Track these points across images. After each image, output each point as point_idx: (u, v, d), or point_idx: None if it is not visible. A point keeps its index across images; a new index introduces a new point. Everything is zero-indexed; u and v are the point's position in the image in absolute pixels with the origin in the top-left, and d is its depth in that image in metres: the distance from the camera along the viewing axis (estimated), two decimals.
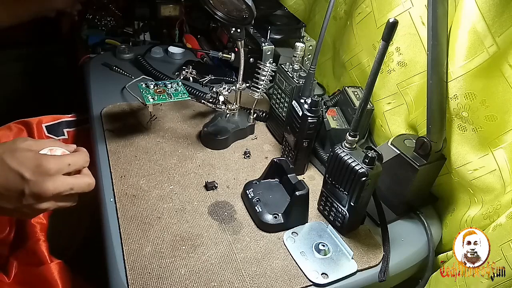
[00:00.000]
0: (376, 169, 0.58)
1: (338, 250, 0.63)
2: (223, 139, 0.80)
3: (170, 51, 1.08)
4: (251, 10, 0.66)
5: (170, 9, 1.11)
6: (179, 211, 0.66)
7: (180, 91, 0.78)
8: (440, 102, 0.61)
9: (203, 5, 0.71)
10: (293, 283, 0.58)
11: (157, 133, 0.82)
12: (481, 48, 0.58)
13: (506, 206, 0.58)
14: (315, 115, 0.69)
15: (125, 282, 0.55)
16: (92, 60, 1.03)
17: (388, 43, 0.50)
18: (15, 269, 0.70)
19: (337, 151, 0.61)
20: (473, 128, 0.62)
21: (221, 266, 0.59)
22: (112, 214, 0.64)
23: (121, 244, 0.59)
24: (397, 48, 0.73)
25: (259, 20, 0.77)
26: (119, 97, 0.89)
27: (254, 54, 0.92)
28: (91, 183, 0.54)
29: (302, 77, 0.76)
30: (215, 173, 0.75)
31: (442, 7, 0.57)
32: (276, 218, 0.65)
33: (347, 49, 0.87)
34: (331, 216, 0.67)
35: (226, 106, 0.82)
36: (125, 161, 0.74)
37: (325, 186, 0.67)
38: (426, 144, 0.63)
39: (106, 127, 0.80)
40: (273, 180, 0.72)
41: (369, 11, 0.79)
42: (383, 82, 0.77)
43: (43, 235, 0.74)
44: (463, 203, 0.69)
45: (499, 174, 0.61)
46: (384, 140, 0.77)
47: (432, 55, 0.59)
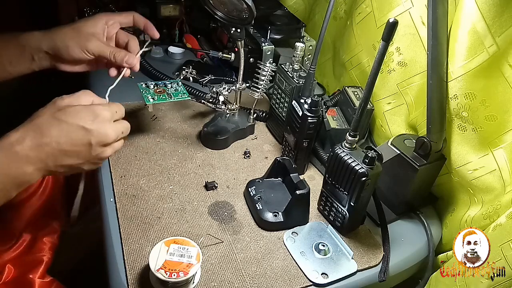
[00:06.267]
0: (376, 169, 0.58)
1: (338, 250, 0.63)
2: (223, 139, 0.80)
3: (170, 51, 1.08)
4: (251, 10, 0.66)
5: (170, 9, 1.11)
6: (179, 211, 0.66)
7: (180, 91, 0.78)
8: (440, 102, 0.61)
9: (203, 5, 0.70)
10: (293, 283, 0.58)
11: (157, 133, 0.82)
12: (481, 48, 0.58)
13: (506, 206, 0.58)
14: (315, 115, 0.69)
15: (125, 282, 0.55)
16: None
17: (388, 43, 0.50)
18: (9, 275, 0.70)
19: (337, 151, 0.61)
20: (473, 128, 0.62)
21: (221, 266, 0.59)
22: (112, 214, 0.64)
23: (121, 244, 0.59)
24: (397, 48, 0.73)
25: (259, 20, 0.77)
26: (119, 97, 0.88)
27: (254, 54, 0.92)
28: (129, 126, 0.59)
29: (302, 77, 0.76)
30: (215, 173, 0.75)
31: (442, 7, 0.57)
32: (276, 217, 0.65)
33: (347, 49, 0.87)
34: (331, 216, 0.67)
35: (226, 106, 0.82)
36: (125, 161, 0.74)
37: (325, 186, 0.67)
38: (426, 144, 0.63)
39: None
40: (276, 179, 0.72)
41: (369, 11, 0.79)
42: (383, 82, 0.77)
43: (49, 253, 0.74)
44: (463, 203, 0.69)
45: (499, 174, 0.61)
46: (384, 140, 0.77)
47: (432, 55, 0.59)
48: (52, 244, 0.76)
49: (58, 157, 0.52)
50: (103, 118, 0.54)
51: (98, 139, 0.53)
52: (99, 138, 0.53)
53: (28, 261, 0.72)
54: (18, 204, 0.74)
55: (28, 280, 0.69)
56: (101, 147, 0.54)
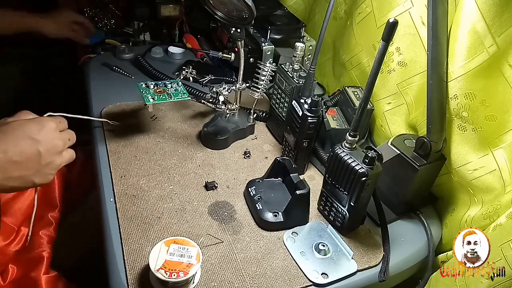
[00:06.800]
0: (376, 169, 0.58)
1: (338, 250, 0.63)
2: (223, 139, 0.80)
3: (170, 51, 1.08)
4: (251, 10, 0.66)
5: (170, 9, 1.11)
6: (179, 211, 0.66)
7: (180, 91, 0.78)
8: (440, 102, 0.61)
9: (203, 5, 0.71)
10: (293, 283, 0.58)
11: (157, 133, 0.82)
12: (481, 48, 0.58)
13: (506, 206, 0.58)
14: (315, 115, 0.69)
15: (125, 282, 0.55)
16: (92, 60, 1.03)
17: (388, 43, 0.50)
18: (13, 274, 0.70)
19: (337, 151, 0.61)
20: (473, 128, 0.62)
21: (221, 266, 0.59)
22: (112, 214, 0.64)
23: (121, 244, 0.59)
24: (397, 48, 0.73)
25: (259, 20, 0.77)
26: (119, 97, 0.89)
27: (254, 54, 0.92)
28: (74, 134, 0.61)
29: (302, 77, 0.76)
30: (215, 173, 0.75)
31: (442, 7, 0.57)
32: (276, 217, 0.65)
33: (347, 49, 0.87)
34: (331, 216, 0.67)
35: (226, 106, 0.82)
36: (125, 161, 0.74)
37: (325, 186, 0.67)
38: (426, 144, 0.63)
39: (106, 127, 0.80)
40: (276, 179, 0.72)
41: (369, 11, 0.79)
42: (383, 82, 0.77)
43: (49, 247, 0.74)
44: (463, 203, 0.69)
45: (499, 174, 0.61)
46: (384, 140, 0.77)
47: (432, 55, 0.59)
48: (50, 238, 0.76)
49: (8, 169, 0.51)
50: (49, 127, 0.55)
51: (46, 147, 0.53)
52: (47, 146, 0.54)
53: (29, 259, 0.72)
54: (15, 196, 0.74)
55: (32, 279, 0.69)
56: (50, 155, 0.54)
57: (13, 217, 0.74)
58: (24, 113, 0.58)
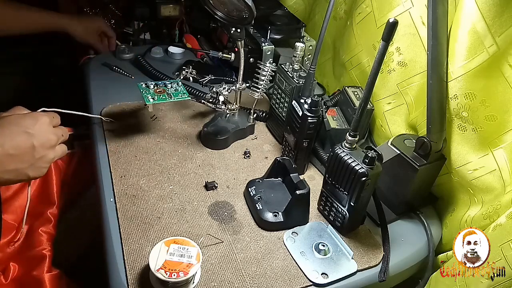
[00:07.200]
0: (376, 169, 0.58)
1: (338, 250, 0.63)
2: (223, 139, 0.80)
3: (170, 51, 1.08)
4: (251, 10, 0.66)
5: (170, 9, 1.12)
6: (179, 211, 0.66)
7: (180, 91, 0.78)
8: (440, 102, 0.61)
9: (203, 5, 0.71)
10: (293, 283, 0.58)
11: (157, 133, 0.82)
12: (481, 48, 0.58)
13: (506, 206, 0.58)
14: (315, 115, 0.69)
15: (125, 282, 0.55)
16: (92, 60, 1.03)
17: (388, 43, 0.50)
18: (14, 272, 0.70)
19: (337, 151, 0.61)
20: (473, 128, 0.62)
21: (221, 266, 0.59)
22: (112, 214, 0.64)
23: (121, 244, 0.59)
24: (397, 48, 0.73)
25: (259, 20, 0.77)
26: (119, 97, 0.89)
27: (254, 54, 0.92)
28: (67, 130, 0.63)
29: (302, 77, 0.76)
30: (215, 173, 0.75)
31: (442, 7, 0.57)
32: (276, 217, 0.65)
33: (347, 49, 0.87)
34: (331, 216, 0.67)
35: (226, 106, 0.82)
36: (125, 161, 0.74)
37: (325, 186, 0.67)
38: (426, 144, 0.63)
39: (106, 127, 0.80)
40: (276, 179, 0.72)
41: (369, 11, 0.79)
42: (383, 82, 0.77)
43: (49, 245, 0.74)
44: (463, 203, 0.69)
45: (499, 174, 0.61)
46: (384, 140, 0.77)
47: (432, 55, 0.59)
48: (50, 235, 0.76)
49: (4, 162, 0.53)
50: (43, 122, 0.57)
51: (40, 141, 0.55)
52: (41, 141, 0.56)
53: (30, 258, 0.72)
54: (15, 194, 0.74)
55: (35, 278, 0.69)
56: (44, 149, 0.56)
57: (14, 214, 0.74)
58: (18, 108, 0.59)
